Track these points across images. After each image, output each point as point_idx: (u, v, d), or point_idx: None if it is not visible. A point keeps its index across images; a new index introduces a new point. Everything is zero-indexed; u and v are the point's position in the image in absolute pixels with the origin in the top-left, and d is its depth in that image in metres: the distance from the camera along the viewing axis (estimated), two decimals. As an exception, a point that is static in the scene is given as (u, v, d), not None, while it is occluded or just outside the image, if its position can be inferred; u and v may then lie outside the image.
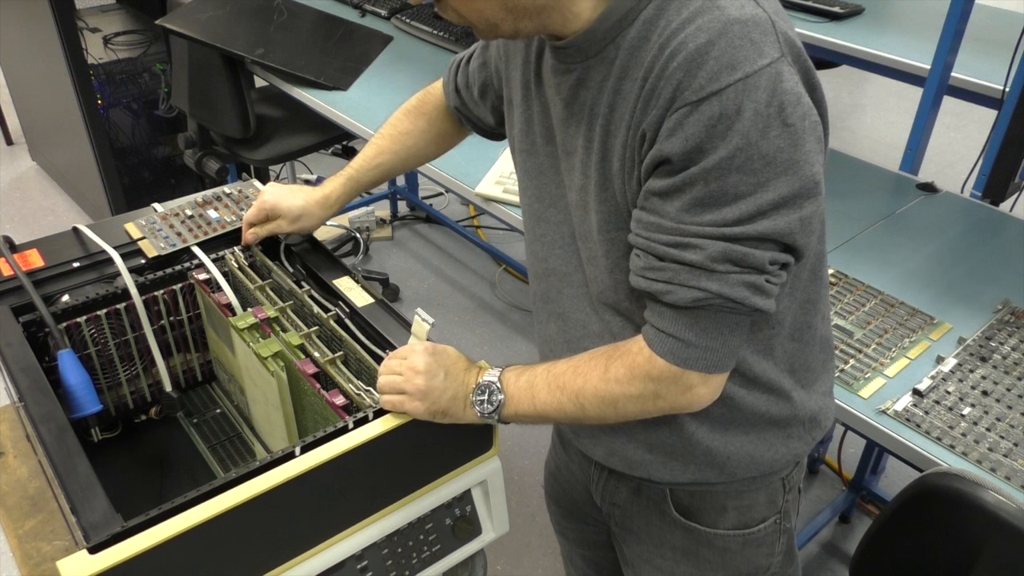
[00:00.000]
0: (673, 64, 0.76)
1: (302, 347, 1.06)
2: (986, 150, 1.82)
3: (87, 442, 1.16)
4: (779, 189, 0.77)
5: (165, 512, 0.80)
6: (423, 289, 3.07)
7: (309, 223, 1.23)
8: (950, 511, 1.00)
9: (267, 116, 2.55)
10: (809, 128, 0.78)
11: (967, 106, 2.04)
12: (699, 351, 0.83)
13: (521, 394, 0.93)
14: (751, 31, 0.75)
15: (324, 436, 0.90)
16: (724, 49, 0.74)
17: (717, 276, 0.79)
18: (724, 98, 0.74)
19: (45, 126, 3.43)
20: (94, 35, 3.10)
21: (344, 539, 0.94)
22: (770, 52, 0.75)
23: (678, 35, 0.77)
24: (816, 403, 1.01)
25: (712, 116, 0.75)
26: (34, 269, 1.17)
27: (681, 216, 0.79)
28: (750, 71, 0.74)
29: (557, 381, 0.91)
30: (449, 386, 0.93)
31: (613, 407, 0.89)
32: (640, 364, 0.85)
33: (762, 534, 1.05)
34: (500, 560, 2.07)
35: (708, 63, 0.74)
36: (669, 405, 0.87)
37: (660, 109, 0.78)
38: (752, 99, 0.74)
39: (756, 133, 0.75)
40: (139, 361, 1.23)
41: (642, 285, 0.84)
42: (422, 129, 1.25)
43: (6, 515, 0.98)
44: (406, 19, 2.52)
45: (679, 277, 0.80)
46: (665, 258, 0.81)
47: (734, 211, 0.77)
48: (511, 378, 0.94)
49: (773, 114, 0.75)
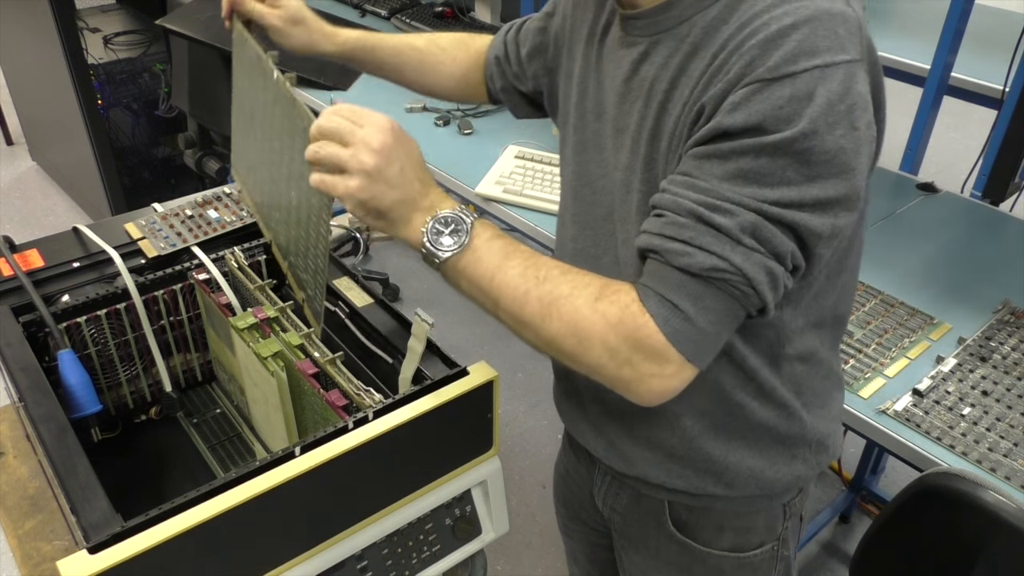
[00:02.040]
0: (751, 42, 0.73)
1: (302, 347, 1.06)
2: (986, 150, 1.82)
3: (87, 442, 1.16)
4: (826, 189, 0.74)
5: (165, 512, 0.80)
6: (423, 289, 3.07)
7: (300, 36, 1.13)
8: (950, 511, 1.00)
9: (267, 116, 2.55)
10: (869, 139, 0.76)
11: (967, 106, 2.05)
12: (694, 330, 0.76)
13: (489, 256, 0.80)
14: (838, 25, 0.73)
15: (324, 436, 0.90)
16: (807, 35, 0.72)
17: (742, 249, 0.74)
18: (798, 81, 0.71)
19: (45, 126, 3.42)
20: (94, 35, 3.10)
21: (344, 539, 0.94)
22: (852, 51, 0.73)
23: (762, 16, 0.74)
24: (824, 427, 0.98)
25: (782, 97, 0.71)
26: (34, 269, 1.17)
27: (719, 182, 0.74)
28: (830, 61, 0.71)
29: (537, 271, 0.79)
30: (400, 185, 0.79)
31: (578, 340, 0.77)
32: (628, 320, 0.76)
33: (758, 559, 1.03)
34: (500, 560, 2.07)
35: (787, 44, 0.72)
36: (629, 378, 0.78)
37: (726, 83, 0.74)
38: (827, 88, 0.71)
39: (824, 124, 0.72)
40: (139, 361, 1.23)
41: (654, 243, 0.76)
42: (455, 58, 1.19)
43: (6, 515, 0.98)
44: (406, 19, 2.52)
45: (701, 239, 0.74)
46: (691, 215, 0.75)
47: (776, 193, 0.73)
48: (482, 232, 0.80)
49: (844, 111, 0.72)
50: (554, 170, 1.73)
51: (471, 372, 0.98)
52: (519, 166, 1.75)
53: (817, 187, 0.73)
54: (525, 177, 1.72)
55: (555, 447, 2.43)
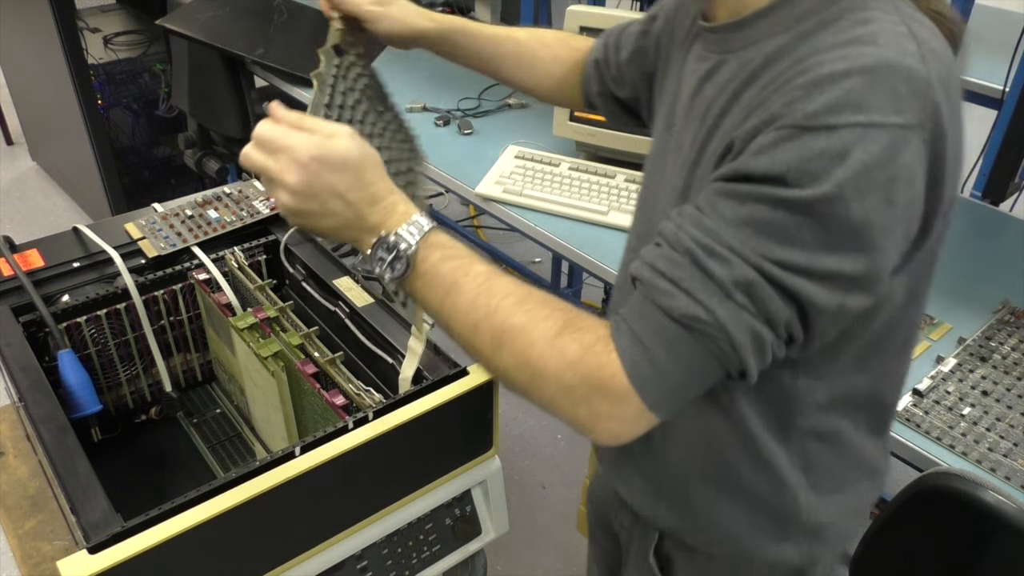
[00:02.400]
0: (797, 80, 0.66)
1: (302, 347, 1.06)
2: (986, 150, 1.82)
3: (87, 442, 1.16)
4: (842, 263, 0.66)
5: (165, 512, 0.80)
6: (423, 289, 3.07)
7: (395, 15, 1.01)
8: (950, 511, 1.00)
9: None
10: (905, 217, 0.67)
11: (967, 106, 2.01)
12: (661, 379, 0.69)
13: (436, 281, 0.74)
14: (900, 82, 0.64)
15: (324, 436, 0.90)
16: (858, 86, 0.64)
17: (731, 305, 0.67)
18: (835, 136, 0.63)
19: (45, 126, 3.42)
20: (94, 35, 3.10)
21: (344, 539, 0.94)
22: (909, 114, 0.64)
23: (820, 55, 0.67)
24: (829, 515, 0.87)
25: (813, 150, 0.64)
26: (34, 269, 1.17)
27: (727, 226, 0.67)
28: (877, 121, 0.63)
29: (489, 299, 0.72)
30: (334, 213, 0.74)
31: (530, 376, 0.71)
32: (590, 359, 0.69)
33: None
34: (500, 560, 2.07)
35: (833, 92, 0.64)
36: (584, 418, 0.71)
37: (760, 122, 0.67)
38: (866, 151, 0.63)
39: (853, 190, 0.63)
40: (139, 361, 1.23)
41: (644, 275, 0.70)
42: (556, 55, 1.10)
43: (6, 515, 0.98)
44: (406, 19, 2.52)
45: (689, 282, 0.68)
46: (687, 254, 0.68)
47: (784, 252, 0.65)
48: (432, 254, 0.74)
49: (881, 181, 0.64)
50: (554, 170, 1.73)
51: (471, 372, 0.98)
52: (519, 166, 1.75)
53: (832, 258, 0.65)
54: (525, 177, 1.72)
55: (555, 447, 2.43)
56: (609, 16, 1.71)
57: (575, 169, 1.73)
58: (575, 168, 1.74)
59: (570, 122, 1.80)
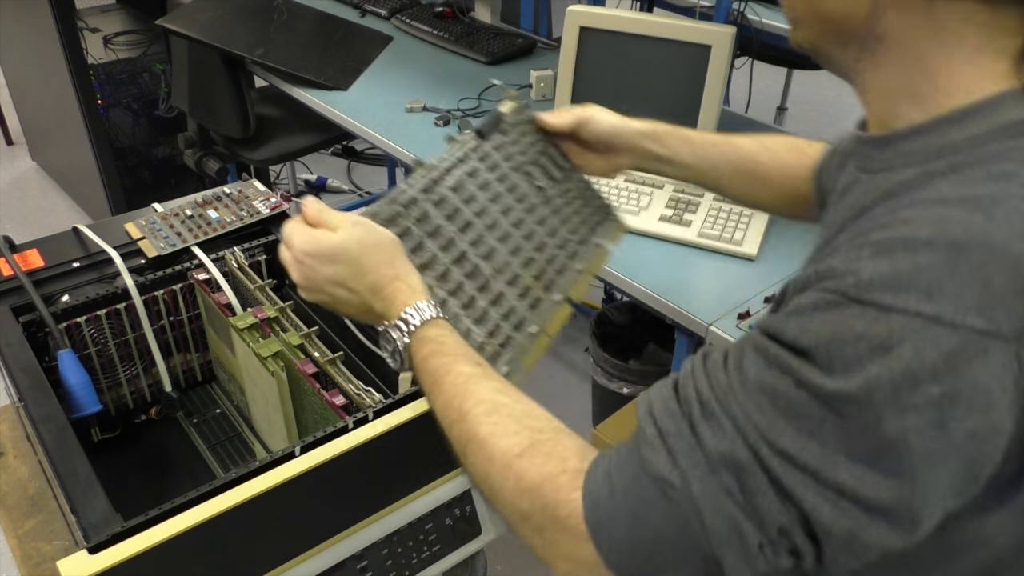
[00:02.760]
0: (873, 235, 0.53)
1: (302, 347, 1.06)
2: (986, 150, 1.82)
3: (87, 442, 1.16)
4: (862, 483, 0.51)
5: (165, 512, 0.80)
6: (423, 289, 3.07)
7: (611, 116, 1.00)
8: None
9: (267, 116, 2.55)
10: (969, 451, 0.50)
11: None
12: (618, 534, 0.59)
13: (423, 377, 0.74)
14: (997, 273, 0.49)
15: (324, 436, 0.90)
16: (937, 264, 0.49)
17: (713, 482, 0.55)
18: (883, 321, 0.49)
19: (45, 126, 3.42)
20: (94, 35, 3.10)
21: (344, 539, 0.94)
22: (1000, 319, 0.48)
23: (918, 207, 0.54)
24: None
25: (852, 329, 0.50)
26: (34, 269, 1.17)
27: (741, 386, 0.56)
28: (945, 317, 0.48)
29: (463, 403, 0.69)
30: (350, 301, 0.78)
31: (489, 490, 0.67)
32: (548, 491, 0.62)
33: None
34: (500, 560, 2.07)
35: (902, 263, 0.50)
36: (541, 548, 0.64)
37: (814, 271, 0.55)
38: (918, 352, 0.49)
39: (887, 398, 0.49)
40: (139, 361, 1.23)
41: (640, 413, 0.62)
42: (784, 162, 0.96)
43: (6, 515, 0.98)
44: (406, 19, 2.52)
45: (675, 440, 0.57)
46: (686, 404, 0.59)
47: (793, 443, 0.53)
48: (421, 349, 0.74)
49: (933, 398, 0.49)
50: (554, 170, 1.73)
51: (471, 372, 0.98)
52: (519, 166, 1.75)
53: (850, 470, 0.51)
54: (525, 177, 1.72)
55: (555, 447, 2.43)
56: (609, 16, 1.71)
57: (575, 169, 1.73)
58: (575, 168, 1.73)
59: (570, 122, 1.80)
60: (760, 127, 1.97)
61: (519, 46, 2.33)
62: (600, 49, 1.71)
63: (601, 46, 1.70)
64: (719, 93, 1.64)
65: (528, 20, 2.61)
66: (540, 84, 2.08)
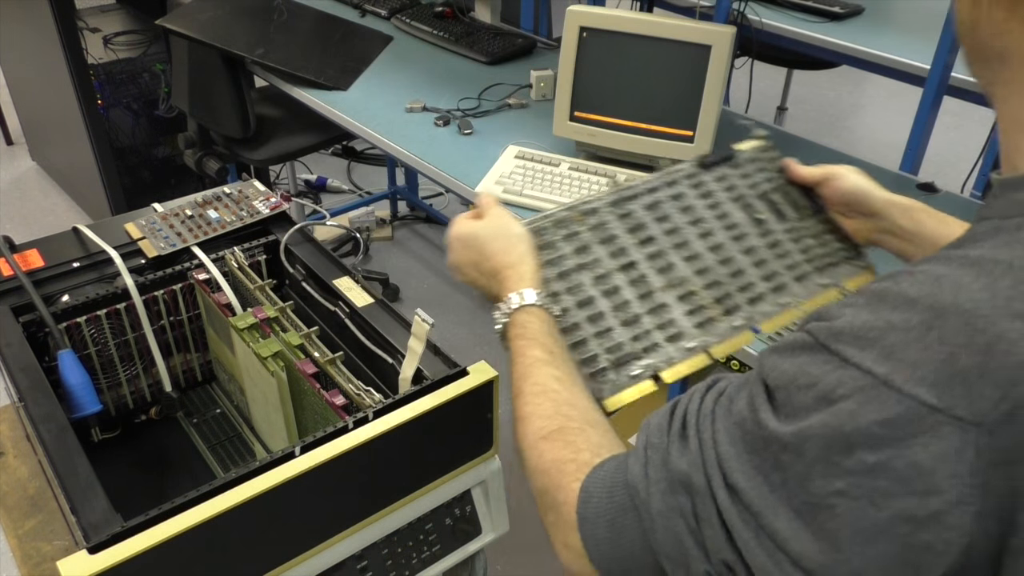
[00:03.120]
0: (873, 285, 0.51)
1: (302, 347, 1.06)
2: (986, 150, 1.82)
3: (87, 442, 1.16)
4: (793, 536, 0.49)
5: (165, 512, 0.80)
6: (423, 289, 3.07)
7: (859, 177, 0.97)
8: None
9: (267, 116, 2.55)
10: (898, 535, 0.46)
11: (967, 106, 2.04)
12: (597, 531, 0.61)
13: (509, 353, 0.80)
14: (967, 352, 0.44)
15: (324, 436, 0.90)
16: (909, 325, 0.46)
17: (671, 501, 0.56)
18: (837, 373, 0.48)
19: (45, 126, 3.43)
20: (94, 35, 3.10)
21: (344, 539, 0.94)
22: (959, 400, 0.44)
23: (926, 264, 0.50)
24: None
25: (808, 376, 0.49)
26: (34, 269, 1.17)
27: (726, 415, 0.56)
28: (896, 383, 0.45)
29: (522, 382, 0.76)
30: (479, 281, 0.87)
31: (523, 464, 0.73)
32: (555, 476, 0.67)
33: None
34: (500, 560, 2.07)
35: (879, 317, 0.48)
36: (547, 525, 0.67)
37: (816, 311, 0.55)
38: (859, 415, 0.46)
39: (819, 453, 0.47)
40: (139, 361, 1.23)
41: (642, 424, 0.64)
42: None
43: (6, 515, 0.98)
44: (406, 19, 2.52)
45: (652, 453, 0.59)
46: (672, 422, 0.60)
47: (744, 480, 0.52)
48: (511, 330, 0.80)
49: (864, 465, 0.46)
50: (554, 170, 1.73)
51: (471, 372, 0.98)
52: (519, 166, 1.75)
53: (786, 519, 0.49)
54: (525, 177, 1.72)
55: (555, 447, 2.43)
56: (609, 16, 1.71)
57: (575, 169, 1.73)
58: (575, 168, 1.74)
59: (570, 122, 1.80)
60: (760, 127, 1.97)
61: (519, 46, 2.33)
62: (600, 49, 1.71)
63: (601, 46, 1.71)
64: (719, 93, 1.64)
65: (528, 20, 2.61)
66: (540, 84, 2.08)
